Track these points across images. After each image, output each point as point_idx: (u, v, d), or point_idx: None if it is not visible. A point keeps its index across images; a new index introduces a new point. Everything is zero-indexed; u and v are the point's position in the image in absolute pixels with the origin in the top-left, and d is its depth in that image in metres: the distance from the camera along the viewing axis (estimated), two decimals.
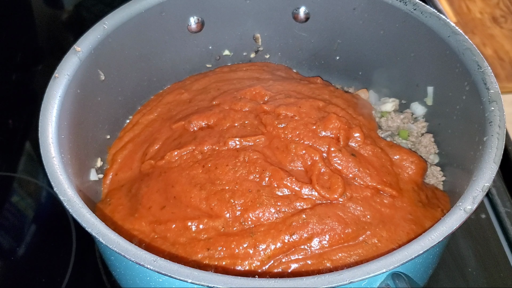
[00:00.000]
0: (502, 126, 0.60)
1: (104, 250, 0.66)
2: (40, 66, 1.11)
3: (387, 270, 0.49)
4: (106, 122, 0.78)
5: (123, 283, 0.65)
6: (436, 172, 0.74)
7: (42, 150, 0.60)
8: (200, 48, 0.87)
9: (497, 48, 1.21)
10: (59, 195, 0.56)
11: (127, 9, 0.75)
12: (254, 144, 0.69)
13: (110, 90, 0.76)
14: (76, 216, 0.55)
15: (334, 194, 0.63)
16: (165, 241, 0.63)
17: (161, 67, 0.85)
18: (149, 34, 0.79)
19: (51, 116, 0.63)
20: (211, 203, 0.64)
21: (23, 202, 0.87)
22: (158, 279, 0.55)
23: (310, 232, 0.61)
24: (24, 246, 0.81)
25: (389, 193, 0.65)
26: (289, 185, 0.64)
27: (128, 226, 0.66)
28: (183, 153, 0.70)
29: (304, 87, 0.80)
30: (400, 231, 0.62)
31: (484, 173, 0.56)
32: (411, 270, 0.55)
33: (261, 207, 0.63)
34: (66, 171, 0.59)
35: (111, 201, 0.70)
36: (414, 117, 0.81)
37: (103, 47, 0.72)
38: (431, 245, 0.50)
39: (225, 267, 0.60)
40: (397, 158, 0.71)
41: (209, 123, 0.74)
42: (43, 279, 0.76)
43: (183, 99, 0.82)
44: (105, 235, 0.53)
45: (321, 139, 0.69)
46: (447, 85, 0.73)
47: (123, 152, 0.77)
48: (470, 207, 0.53)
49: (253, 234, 0.61)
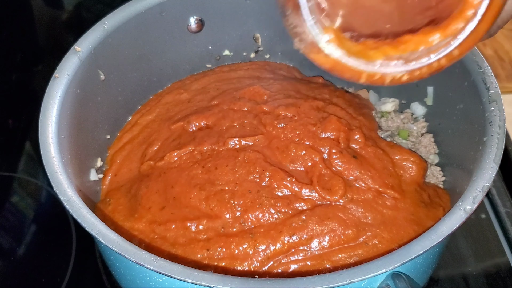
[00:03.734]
0: (502, 126, 0.60)
1: (104, 250, 0.66)
2: (40, 66, 1.11)
3: (387, 270, 0.49)
4: (106, 122, 0.78)
5: (123, 283, 0.65)
6: (436, 172, 0.74)
7: (42, 150, 0.60)
8: (200, 48, 0.87)
9: (497, 48, 1.21)
10: (59, 195, 0.56)
11: (127, 9, 0.75)
12: (253, 144, 0.69)
13: (110, 90, 0.76)
14: (76, 216, 0.55)
15: (335, 196, 0.63)
16: (165, 242, 0.63)
17: (161, 67, 0.85)
18: (149, 34, 0.79)
19: (51, 116, 0.63)
20: (210, 203, 0.64)
21: (23, 202, 0.87)
22: (158, 279, 0.55)
23: (310, 233, 0.61)
24: (24, 246, 0.81)
25: (391, 195, 0.65)
26: (289, 185, 0.64)
27: (128, 226, 0.66)
28: (183, 153, 0.70)
29: (304, 86, 0.80)
30: (402, 231, 0.62)
31: (484, 173, 0.56)
32: (411, 270, 0.55)
33: (261, 208, 0.63)
34: (66, 171, 0.59)
35: (111, 201, 0.70)
36: (414, 117, 0.81)
37: (103, 47, 0.72)
38: (431, 245, 0.50)
39: (225, 267, 0.60)
40: (398, 158, 0.70)
41: (208, 123, 0.74)
42: (43, 279, 0.76)
43: (182, 99, 0.82)
44: (105, 235, 0.53)
45: (322, 140, 0.69)
46: (447, 85, 0.73)
47: (122, 153, 0.77)
48: (470, 207, 0.53)
49: (253, 235, 0.61)
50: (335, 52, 0.46)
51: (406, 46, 0.46)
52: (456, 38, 0.45)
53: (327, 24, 0.45)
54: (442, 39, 0.45)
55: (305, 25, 0.45)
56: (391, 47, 0.46)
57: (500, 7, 0.45)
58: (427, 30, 0.46)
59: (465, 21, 0.44)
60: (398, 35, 0.47)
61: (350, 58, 0.46)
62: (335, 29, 0.45)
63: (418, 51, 0.46)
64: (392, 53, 0.46)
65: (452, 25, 0.45)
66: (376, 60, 0.46)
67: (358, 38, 0.47)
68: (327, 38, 0.45)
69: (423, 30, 0.46)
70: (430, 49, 0.46)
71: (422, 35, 0.46)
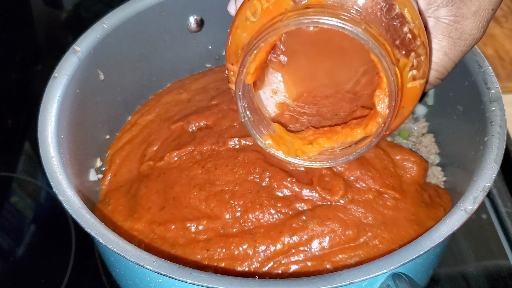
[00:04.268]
0: (503, 126, 0.59)
1: (103, 251, 0.66)
2: (40, 66, 1.11)
3: (387, 270, 0.49)
4: (106, 122, 0.78)
5: (123, 283, 0.65)
6: (436, 172, 0.74)
7: (41, 150, 0.60)
8: (200, 48, 0.87)
9: (497, 47, 1.21)
10: (58, 195, 0.56)
11: (127, 8, 0.75)
12: (253, 144, 0.69)
13: (109, 90, 0.76)
14: (75, 216, 0.54)
15: (335, 196, 0.63)
16: (165, 242, 0.63)
17: (161, 67, 0.84)
18: (149, 34, 0.79)
19: (51, 116, 0.63)
20: (210, 204, 0.64)
21: (22, 202, 0.87)
22: (158, 279, 0.54)
23: (310, 233, 0.61)
24: (24, 247, 0.81)
25: (392, 196, 0.65)
26: (290, 186, 0.64)
27: (127, 227, 0.65)
28: (182, 153, 0.70)
29: None
30: (403, 232, 0.62)
31: (485, 173, 0.56)
32: (411, 271, 0.55)
33: (261, 208, 0.62)
34: (66, 171, 0.59)
35: (110, 201, 0.70)
36: (414, 117, 0.81)
37: (103, 47, 0.72)
38: (432, 246, 0.50)
39: (225, 268, 0.60)
40: (398, 158, 0.70)
41: (208, 123, 0.74)
42: (42, 279, 0.76)
43: (182, 99, 0.82)
44: (104, 236, 0.52)
45: None
46: (448, 85, 0.72)
47: (121, 153, 0.77)
48: (471, 208, 0.53)
49: (253, 235, 0.61)
50: (275, 153, 0.57)
51: (338, 137, 0.56)
52: (373, 138, 0.52)
53: (265, 132, 0.57)
54: (364, 136, 0.54)
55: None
56: (326, 138, 0.56)
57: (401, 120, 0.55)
58: (353, 125, 0.55)
59: (378, 125, 0.52)
60: (332, 127, 0.58)
61: (288, 158, 0.57)
62: (272, 136, 0.56)
63: (347, 142, 0.55)
64: (326, 145, 0.56)
65: (370, 126, 0.53)
66: (310, 154, 0.57)
67: (300, 129, 0.60)
68: (266, 143, 0.56)
69: (349, 124, 0.56)
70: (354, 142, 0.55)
71: (349, 129, 0.55)
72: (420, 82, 0.52)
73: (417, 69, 0.51)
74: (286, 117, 0.61)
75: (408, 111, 0.54)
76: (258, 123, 0.57)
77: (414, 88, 0.52)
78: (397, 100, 0.49)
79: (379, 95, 0.50)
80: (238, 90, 0.52)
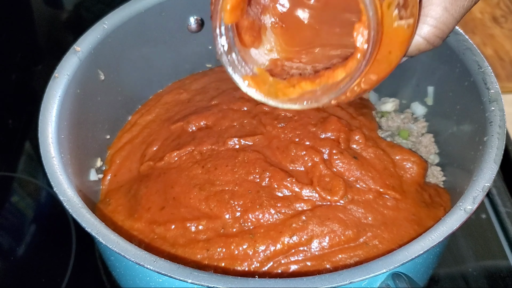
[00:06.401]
0: (503, 126, 0.60)
1: (104, 250, 0.66)
2: (40, 66, 1.11)
3: (387, 270, 0.49)
4: (106, 122, 0.78)
5: (123, 283, 0.65)
6: (436, 172, 0.74)
7: (41, 150, 0.60)
8: (200, 48, 0.87)
9: (497, 48, 1.21)
10: (59, 195, 0.56)
11: (127, 9, 0.75)
12: (253, 144, 0.69)
13: (110, 90, 0.76)
14: (76, 216, 0.54)
15: (335, 196, 0.63)
16: (165, 242, 0.63)
17: (161, 67, 0.84)
18: (149, 34, 0.79)
19: (51, 116, 0.63)
20: (210, 204, 0.64)
21: (23, 202, 0.87)
22: (158, 279, 0.55)
23: (310, 233, 0.61)
24: (24, 246, 0.81)
25: (392, 196, 0.65)
26: (289, 186, 0.64)
27: (127, 227, 0.65)
28: (182, 153, 0.70)
29: None
30: (403, 231, 0.62)
31: (484, 173, 0.56)
32: (411, 270, 0.55)
33: (261, 208, 0.62)
34: (66, 171, 0.59)
35: (110, 201, 0.70)
36: (414, 117, 0.81)
37: (103, 47, 0.72)
38: (432, 245, 0.50)
39: (225, 268, 0.60)
40: (398, 158, 0.70)
41: (207, 123, 0.74)
42: (43, 279, 0.76)
43: (181, 99, 0.82)
44: (105, 235, 0.53)
45: (322, 140, 0.69)
46: (448, 85, 0.73)
47: (121, 153, 0.77)
48: (470, 207, 0.53)
49: (253, 235, 0.61)
50: (254, 95, 0.53)
51: (320, 80, 0.53)
52: (353, 77, 0.50)
53: (244, 72, 0.54)
54: (345, 76, 0.51)
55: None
56: (309, 81, 0.54)
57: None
58: (336, 67, 0.53)
59: (357, 63, 0.49)
60: (317, 71, 0.55)
61: (268, 99, 0.54)
62: (252, 76, 0.54)
63: (329, 83, 0.52)
64: (309, 88, 0.53)
65: (350, 64, 0.50)
66: (291, 96, 0.54)
67: (287, 74, 0.56)
68: (246, 84, 0.53)
69: (333, 67, 0.53)
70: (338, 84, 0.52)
71: (332, 70, 0.53)
72: (408, 22, 0.47)
73: (404, 7, 0.46)
74: (276, 71, 0.58)
75: (395, 57, 0.50)
76: (239, 64, 0.54)
77: (401, 28, 0.47)
78: (377, 33, 0.45)
79: (358, 28, 0.47)
80: (215, 28, 0.51)
